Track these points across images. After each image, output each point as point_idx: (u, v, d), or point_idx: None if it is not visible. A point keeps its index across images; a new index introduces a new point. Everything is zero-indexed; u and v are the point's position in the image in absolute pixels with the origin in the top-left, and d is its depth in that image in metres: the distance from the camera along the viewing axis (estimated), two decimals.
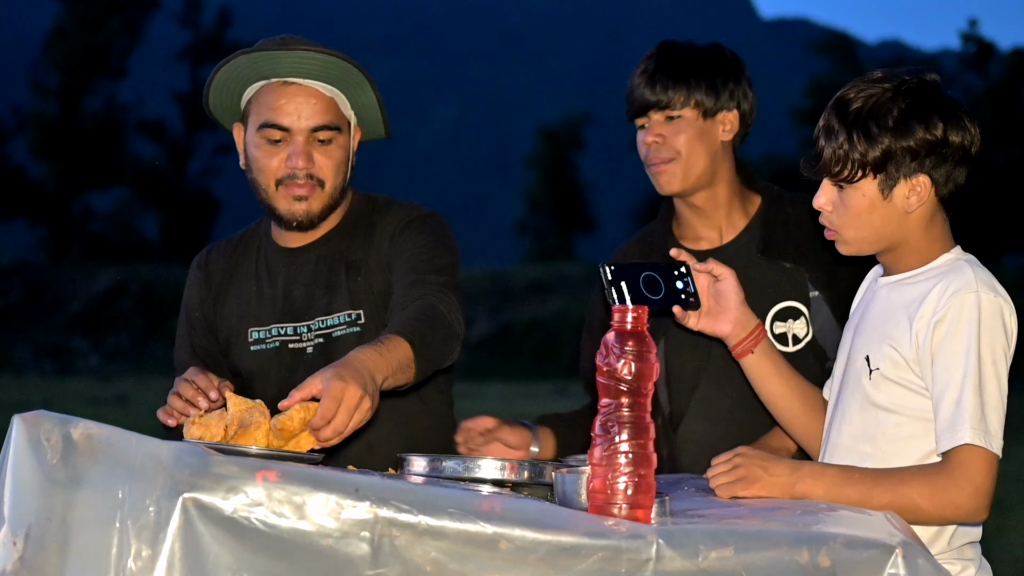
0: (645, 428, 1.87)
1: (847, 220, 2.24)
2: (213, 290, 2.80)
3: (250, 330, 2.75)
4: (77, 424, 1.86)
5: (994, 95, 39.12)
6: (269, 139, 2.66)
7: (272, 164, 2.66)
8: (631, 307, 1.89)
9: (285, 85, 2.66)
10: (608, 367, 1.87)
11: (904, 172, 2.18)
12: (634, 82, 2.82)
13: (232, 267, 2.81)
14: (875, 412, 2.23)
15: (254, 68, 2.66)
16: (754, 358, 2.46)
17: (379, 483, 1.83)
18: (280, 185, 2.67)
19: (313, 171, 2.65)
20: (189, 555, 1.74)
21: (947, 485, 2.09)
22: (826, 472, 2.16)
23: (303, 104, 2.65)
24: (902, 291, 2.24)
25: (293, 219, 2.69)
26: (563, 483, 1.97)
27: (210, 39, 48.90)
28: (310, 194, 2.66)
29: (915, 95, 2.19)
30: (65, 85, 45.06)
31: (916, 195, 2.19)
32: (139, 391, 20.89)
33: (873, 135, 2.17)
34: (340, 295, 2.71)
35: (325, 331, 2.71)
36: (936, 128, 2.17)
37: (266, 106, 2.66)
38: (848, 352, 2.33)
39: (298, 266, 2.75)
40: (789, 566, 1.86)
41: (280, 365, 2.71)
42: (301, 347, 2.71)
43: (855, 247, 2.27)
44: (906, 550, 1.90)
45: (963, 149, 2.19)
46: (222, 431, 2.12)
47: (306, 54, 2.62)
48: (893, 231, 2.23)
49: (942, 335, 2.14)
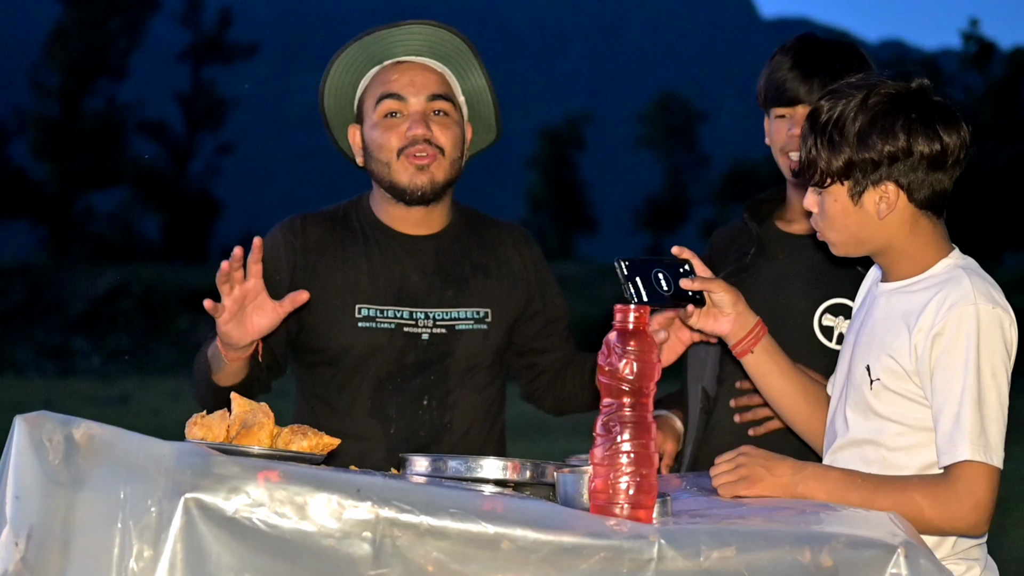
0: (647, 428, 1.87)
1: (827, 223, 2.26)
2: (310, 258, 2.78)
3: (358, 306, 2.76)
4: (79, 425, 1.86)
5: (995, 94, 39.12)
6: (388, 112, 2.74)
7: (391, 139, 2.74)
8: (633, 307, 1.90)
9: (399, 63, 2.76)
10: (610, 367, 1.87)
11: (871, 180, 2.20)
12: (784, 74, 2.84)
13: (336, 240, 2.81)
14: (877, 421, 2.23)
15: (366, 54, 2.75)
16: (755, 356, 2.47)
17: (381, 483, 1.83)
18: (401, 155, 2.73)
19: (431, 138, 2.73)
20: (191, 555, 1.74)
21: (948, 498, 2.10)
22: (829, 475, 2.16)
23: (419, 76, 2.75)
24: (901, 300, 2.24)
25: (417, 190, 2.74)
26: (565, 483, 1.97)
27: (211, 39, 48.93)
28: (431, 162, 2.74)
29: (882, 106, 2.20)
30: (66, 86, 45.07)
31: (885, 202, 2.20)
32: (140, 392, 20.89)
33: (836, 144, 2.20)
34: (468, 291, 2.80)
35: (448, 322, 2.78)
36: (897, 139, 2.18)
37: (381, 83, 2.76)
38: (849, 360, 2.32)
39: (419, 254, 2.81)
40: (791, 566, 1.86)
41: (393, 346, 2.75)
42: (416, 332, 2.76)
43: (842, 250, 2.29)
44: (908, 550, 1.90)
45: (934, 156, 2.18)
46: (224, 432, 2.12)
47: (415, 28, 2.73)
48: (872, 236, 2.24)
49: (941, 349, 2.14)
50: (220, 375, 2.61)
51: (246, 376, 2.63)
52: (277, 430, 2.13)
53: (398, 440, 2.74)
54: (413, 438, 2.75)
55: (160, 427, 2.43)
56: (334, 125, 2.86)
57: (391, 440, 2.74)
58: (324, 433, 2.14)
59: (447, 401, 2.77)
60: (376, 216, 2.84)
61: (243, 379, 2.63)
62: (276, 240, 2.81)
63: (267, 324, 2.49)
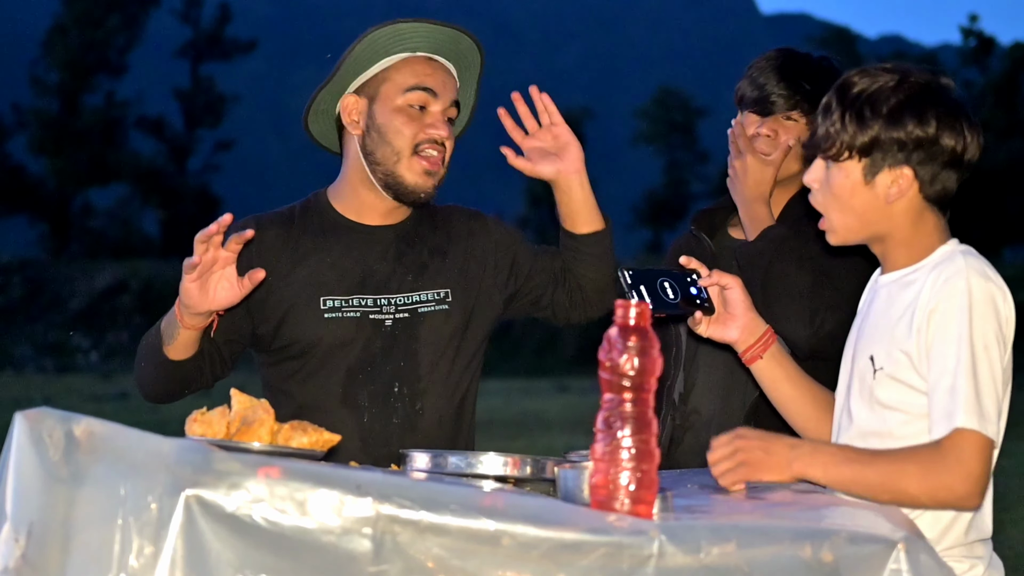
0: (648, 423, 1.87)
1: (831, 201, 2.26)
2: (269, 261, 2.79)
3: (323, 298, 2.78)
4: (79, 421, 1.86)
5: (994, 90, 39.12)
6: (417, 104, 2.77)
7: (412, 130, 2.76)
8: (634, 302, 1.89)
9: (430, 60, 2.80)
10: (611, 362, 1.87)
11: (889, 161, 2.20)
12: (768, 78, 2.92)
13: (293, 239, 2.84)
14: (881, 411, 2.23)
15: (398, 36, 2.76)
16: (764, 363, 2.48)
17: (381, 479, 1.83)
18: (416, 151, 2.77)
19: (446, 143, 2.79)
20: (191, 552, 1.74)
21: (939, 468, 2.08)
22: (823, 451, 2.17)
23: (446, 77, 2.81)
24: (902, 289, 2.24)
25: (420, 191, 2.79)
26: (565, 479, 1.97)
27: (210, 35, 48.92)
28: (438, 170, 2.79)
29: (918, 90, 2.20)
30: (65, 82, 45.06)
31: (898, 186, 2.20)
32: None
33: (865, 119, 2.19)
34: (427, 274, 2.83)
35: (410, 306, 2.80)
36: (929, 125, 2.18)
37: (412, 73, 2.78)
38: (853, 352, 2.33)
39: (378, 243, 2.84)
40: (792, 561, 1.85)
41: (360, 335, 2.77)
42: (381, 319, 2.78)
43: (842, 235, 2.28)
44: (909, 545, 1.89)
45: (955, 153, 2.19)
46: (224, 428, 2.12)
47: (450, 31, 2.78)
48: (877, 220, 2.24)
49: (936, 324, 2.14)
50: (171, 346, 2.66)
51: (194, 355, 2.69)
52: (277, 426, 2.13)
53: (372, 429, 2.75)
54: (387, 426, 2.76)
55: (159, 423, 2.43)
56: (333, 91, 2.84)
57: (364, 429, 2.75)
58: (324, 429, 2.14)
59: (418, 388, 2.78)
60: (335, 209, 2.87)
61: (191, 356, 2.68)
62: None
63: (227, 297, 2.56)
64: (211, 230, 2.49)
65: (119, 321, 30.78)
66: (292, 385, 2.80)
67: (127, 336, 29.96)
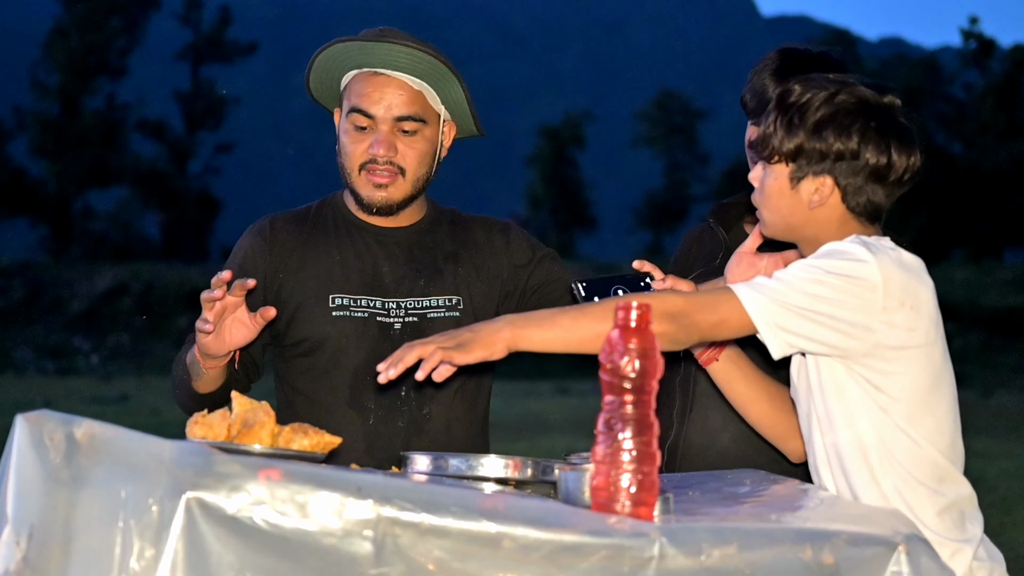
0: (649, 425, 1.87)
1: (763, 200, 2.34)
2: (282, 255, 2.84)
3: (332, 296, 2.80)
4: (80, 424, 1.86)
5: (995, 92, 39.12)
6: (356, 125, 2.78)
7: (357, 150, 2.79)
8: (635, 304, 1.89)
9: (375, 75, 2.78)
10: (612, 364, 1.87)
11: (813, 169, 2.26)
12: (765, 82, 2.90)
13: (306, 237, 2.87)
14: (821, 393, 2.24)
15: (348, 56, 2.78)
16: (719, 365, 2.53)
17: (382, 482, 1.83)
18: (363, 170, 2.79)
19: (395, 159, 2.78)
20: (192, 554, 1.73)
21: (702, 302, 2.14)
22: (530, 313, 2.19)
23: (390, 94, 2.77)
24: None
25: (372, 204, 2.81)
26: (566, 481, 1.97)
27: (210, 38, 48.95)
28: (391, 182, 2.79)
29: (848, 106, 2.25)
30: (65, 85, 45.10)
31: (820, 194, 2.27)
32: (140, 391, 20.90)
33: (793, 127, 2.27)
34: (439, 280, 2.84)
35: (420, 311, 2.82)
36: (851, 140, 2.23)
37: (356, 93, 2.78)
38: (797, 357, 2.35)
39: (389, 246, 2.85)
40: (792, 563, 1.86)
41: (367, 335, 2.79)
42: (389, 322, 2.80)
43: (772, 230, 2.36)
44: (910, 547, 1.90)
45: (878, 168, 2.24)
46: (225, 431, 2.12)
47: (395, 47, 2.74)
48: (800, 223, 2.30)
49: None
50: (199, 382, 2.72)
51: (224, 381, 2.74)
52: (278, 429, 2.13)
53: (377, 431, 2.76)
54: (393, 429, 2.77)
55: (160, 426, 2.43)
56: (327, 105, 2.91)
57: (370, 432, 2.76)
58: (324, 432, 2.14)
59: (425, 391, 2.78)
60: (349, 210, 2.89)
61: (222, 384, 2.73)
62: (246, 245, 2.87)
63: (244, 337, 2.62)
64: (216, 295, 2.53)
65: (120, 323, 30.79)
66: (303, 383, 2.82)
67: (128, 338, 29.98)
